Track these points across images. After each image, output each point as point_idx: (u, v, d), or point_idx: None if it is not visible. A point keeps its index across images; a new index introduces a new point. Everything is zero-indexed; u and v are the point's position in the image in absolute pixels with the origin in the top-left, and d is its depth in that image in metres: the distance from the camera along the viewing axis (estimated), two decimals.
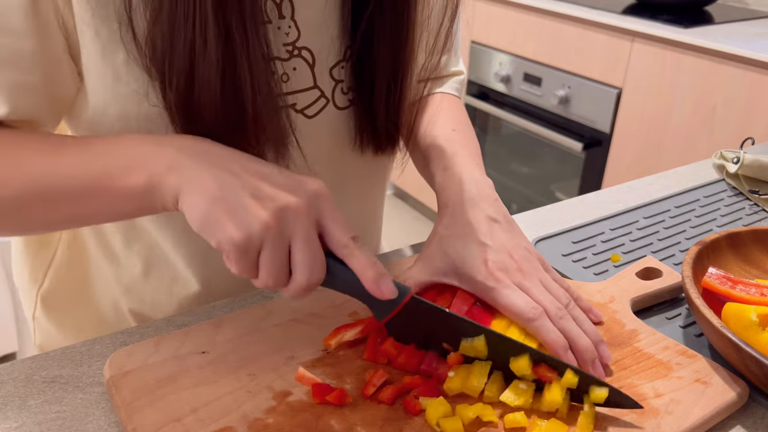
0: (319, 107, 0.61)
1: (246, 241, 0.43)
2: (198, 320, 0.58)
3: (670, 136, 1.76)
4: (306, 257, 0.44)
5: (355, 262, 0.46)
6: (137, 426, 0.44)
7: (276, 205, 0.43)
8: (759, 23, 1.86)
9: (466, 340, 0.49)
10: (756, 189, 0.87)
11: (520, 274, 0.53)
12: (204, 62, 0.48)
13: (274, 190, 0.44)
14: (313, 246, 0.45)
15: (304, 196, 0.45)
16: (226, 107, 0.50)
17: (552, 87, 2.02)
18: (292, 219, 0.44)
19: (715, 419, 0.49)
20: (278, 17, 0.56)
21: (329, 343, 0.52)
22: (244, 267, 0.44)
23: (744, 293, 0.58)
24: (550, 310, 0.52)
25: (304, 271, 0.44)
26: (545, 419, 0.47)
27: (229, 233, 0.43)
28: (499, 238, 0.55)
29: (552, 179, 2.18)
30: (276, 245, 0.43)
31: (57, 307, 0.72)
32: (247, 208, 0.43)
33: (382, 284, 0.46)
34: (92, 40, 0.50)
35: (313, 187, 0.46)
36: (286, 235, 0.44)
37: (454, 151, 0.62)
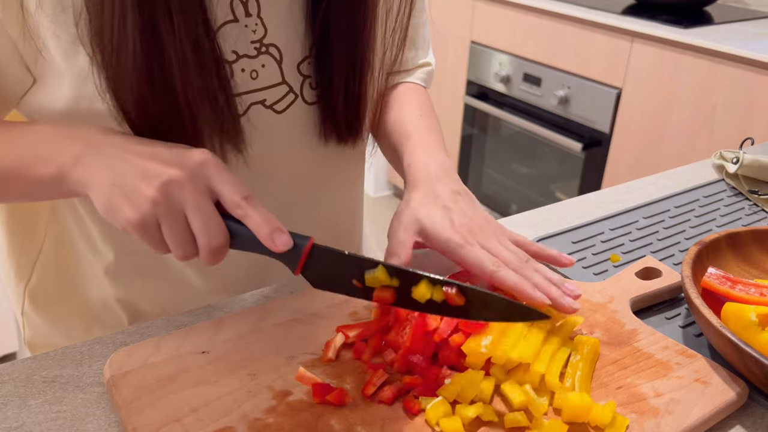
0: (288, 102, 0.62)
1: (141, 219, 0.46)
2: (198, 320, 0.58)
3: (669, 136, 1.76)
4: (201, 223, 0.47)
5: (250, 222, 0.48)
6: (137, 426, 0.44)
7: (160, 181, 0.46)
8: (759, 23, 1.86)
9: (368, 273, 0.51)
10: (755, 189, 0.87)
11: (483, 236, 0.57)
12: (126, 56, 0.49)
13: (160, 167, 0.47)
14: (205, 212, 0.47)
15: (187, 168, 0.47)
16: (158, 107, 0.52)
17: (552, 87, 2.02)
18: (178, 190, 0.46)
19: (714, 419, 0.49)
20: (245, 15, 0.57)
21: (328, 358, 0.52)
22: (152, 243, 0.48)
23: (743, 293, 0.58)
24: (511, 262, 0.56)
25: (203, 236, 0.47)
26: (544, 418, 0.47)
27: (126, 215, 0.46)
28: (461, 206, 0.60)
29: (552, 179, 2.18)
30: (170, 218, 0.46)
31: (46, 301, 0.72)
32: (137, 189, 0.46)
33: (276, 238, 0.48)
34: (54, 44, 0.51)
35: (198, 157, 0.48)
36: (177, 207, 0.47)
37: (421, 136, 0.67)
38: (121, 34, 0.48)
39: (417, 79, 0.78)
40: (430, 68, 0.80)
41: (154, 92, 0.51)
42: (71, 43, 0.51)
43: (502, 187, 2.35)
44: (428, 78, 0.80)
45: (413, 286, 0.50)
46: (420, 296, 0.50)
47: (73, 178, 0.49)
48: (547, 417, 0.48)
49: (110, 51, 0.49)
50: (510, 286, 0.53)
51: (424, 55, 0.78)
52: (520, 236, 0.60)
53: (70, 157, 0.49)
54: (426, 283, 0.50)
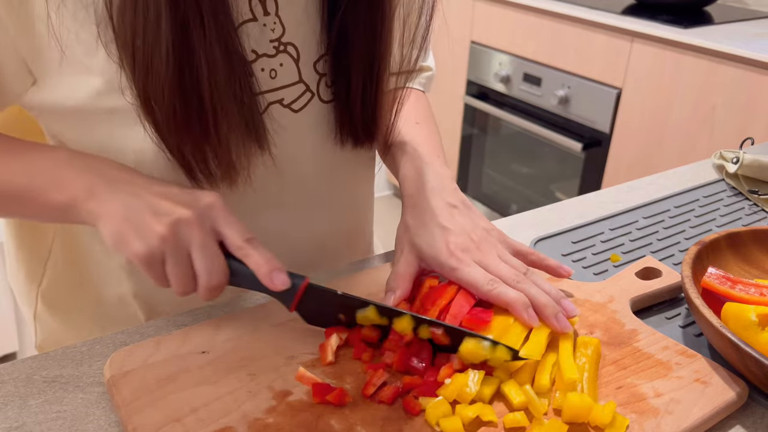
0: (305, 101, 0.62)
1: (148, 253, 0.48)
2: (198, 320, 0.58)
3: (669, 136, 1.76)
4: (203, 263, 0.49)
5: (251, 261, 0.51)
6: (137, 426, 0.44)
7: (170, 219, 0.48)
8: (759, 23, 1.86)
9: (360, 311, 0.53)
10: (755, 189, 0.87)
11: (480, 253, 0.58)
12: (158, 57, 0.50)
13: (170, 205, 0.49)
14: (209, 252, 0.49)
15: (196, 209, 0.50)
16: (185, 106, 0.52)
17: (552, 87, 2.02)
18: (186, 230, 0.49)
19: (714, 419, 0.49)
20: (263, 14, 0.57)
21: (328, 362, 0.52)
22: (155, 277, 0.50)
23: (743, 293, 0.58)
24: (508, 277, 0.56)
25: (203, 275, 0.49)
26: (544, 417, 0.47)
27: (134, 248, 0.48)
28: (458, 221, 0.60)
29: (552, 179, 2.18)
30: (175, 254, 0.49)
31: (59, 302, 0.72)
32: (147, 225, 0.48)
33: (274, 278, 0.50)
34: (74, 43, 0.51)
35: (207, 200, 0.51)
36: (183, 245, 0.49)
37: (417, 144, 0.67)
38: (155, 36, 0.49)
39: (417, 84, 0.78)
40: (431, 73, 0.80)
41: (183, 93, 0.52)
42: (91, 42, 0.51)
43: (502, 187, 2.35)
44: (428, 83, 0.80)
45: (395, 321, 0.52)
46: (402, 330, 0.51)
47: (84, 209, 0.51)
48: (547, 417, 0.48)
49: (142, 53, 0.50)
50: (505, 303, 0.54)
51: (425, 57, 0.78)
52: (520, 244, 0.61)
53: (84, 189, 0.51)
54: (409, 319, 0.51)
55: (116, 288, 0.69)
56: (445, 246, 0.57)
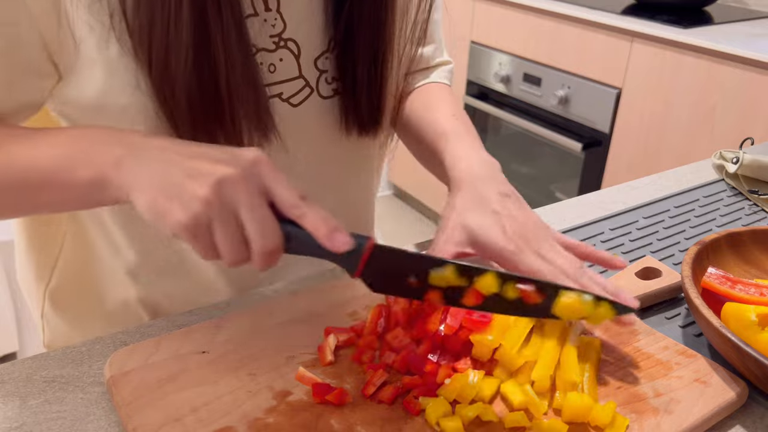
0: (304, 96, 0.63)
1: (193, 221, 0.43)
2: (198, 320, 0.58)
3: (669, 136, 1.76)
4: (255, 225, 0.44)
5: (307, 222, 0.45)
6: (137, 426, 0.44)
7: (212, 179, 0.43)
8: (759, 23, 1.86)
9: (435, 271, 0.48)
10: (755, 189, 0.87)
11: (536, 242, 0.55)
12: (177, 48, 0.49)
13: (209, 165, 0.44)
14: (260, 212, 0.44)
15: (239, 166, 0.44)
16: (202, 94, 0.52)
17: (551, 87, 2.02)
18: (231, 189, 0.43)
19: (714, 419, 0.49)
20: (264, 10, 0.58)
21: (328, 362, 0.52)
22: (202, 248, 0.44)
23: (743, 293, 0.58)
24: (569, 270, 0.54)
25: (257, 238, 0.44)
26: (544, 417, 0.47)
27: (177, 217, 0.43)
28: (511, 210, 0.57)
29: (552, 179, 2.18)
30: (222, 218, 0.43)
31: (66, 302, 0.72)
32: (186, 189, 0.43)
33: (335, 238, 0.45)
34: (87, 35, 0.51)
35: (250, 156, 0.45)
36: (230, 207, 0.44)
37: (459, 134, 0.65)
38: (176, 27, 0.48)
39: (440, 77, 0.77)
40: (451, 66, 0.80)
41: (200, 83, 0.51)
42: (104, 34, 0.51)
43: None
44: (451, 76, 0.79)
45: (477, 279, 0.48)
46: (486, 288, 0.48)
47: (114, 182, 0.46)
48: (547, 417, 0.48)
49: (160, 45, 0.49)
50: None
51: (441, 52, 0.79)
52: (570, 239, 0.59)
53: (111, 160, 0.47)
54: (494, 277, 0.48)
55: (122, 292, 0.69)
56: (502, 230, 0.55)
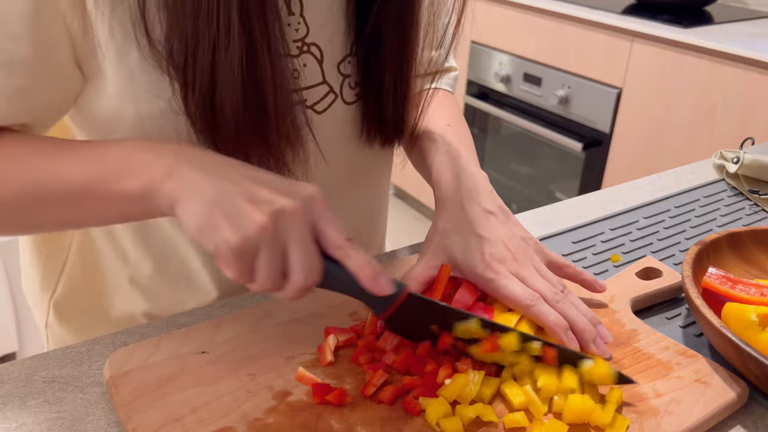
0: (328, 102, 0.61)
1: (243, 244, 0.43)
2: (198, 320, 0.58)
3: (669, 136, 1.76)
4: (302, 259, 0.45)
5: (351, 262, 0.46)
6: (137, 426, 0.44)
7: (271, 209, 0.44)
8: (759, 23, 1.86)
9: (461, 324, 0.50)
10: (756, 189, 0.87)
11: (517, 264, 0.56)
12: (227, 60, 0.48)
13: (269, 194, 0.45)
14: (310, 248, 0.45)
15: (298, 200, 0.45)
16: (247, 105, 0.51)
17: (552, 87, 2.02)
18: (288, 221, 0.44)
19: (715, 419, 0.49)
20: (288, 14, 0.57)
21: (328, 362, 0.52)
22: (240, 271, 0.44)
23: (744, 293, 0.58)
24: (547, 295, 0.54)
25: (301, 272, 0.45)
26: (545, 418, 0.47)
27: (226, 237, 0.43)
28: (495, 229, 0.57)
29: (552, 179, 2.18)
30: (272, 247, 0.44)
31: (71, 313, 0.71)
32: (243, 212, 0.43)
33: (379, 281, 0.47)
34: (108, 40, 0.50)
35: (308, 192, 0.46)
36: (282, 238, 0.44)
37: (449, 146, 0.65)
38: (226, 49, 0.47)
39: (445, 84, 0.77)
40: (456, 73, 0.79)
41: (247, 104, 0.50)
42: (124, 40, 0.50)
43: (502, 187, 2.35)
44: (454, 83, 0.79)
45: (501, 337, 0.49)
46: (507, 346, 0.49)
47: (163, 192, 0.45)
48: (548, 417, 0.48)
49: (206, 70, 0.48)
50: (544, 325, 0.53)
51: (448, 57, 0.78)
52: (556, 257, 0.59)
53: (162, 170, 0.46)
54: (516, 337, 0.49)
55: (127, 304, 0.68)
56: (481, 256, 0.55)
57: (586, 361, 0.49)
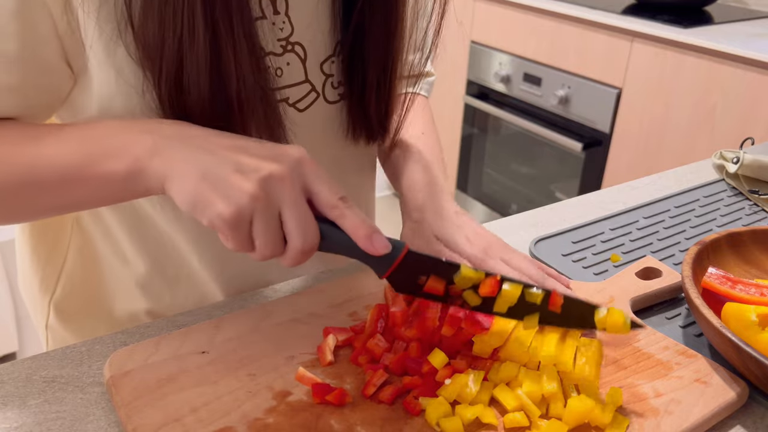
0: (310, 101, 0.62)
1: (236, 215, 0.43)
2: (198, 320, 0.58)
3: (669, 136, 1.76)
4: (297, 222, 0.45)
5: (346, 222, 0.46)
6: (137, 426, 0.44)
7: (260, 175, 0.44)
8: (759, 23, 1.86)
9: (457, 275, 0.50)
10: (756, 189, 0.87)
11: (499, 249, 0.60)
12: (192, 56, 0.49)
13: (256, 161, 0.45)
14: (303, 210, 0.45)
15: (286, 163, 0.45)
16: (214, 100, 0.51)
17: (552, 87, 2.02)
18: (278, 186, 0.44)
19: (715, 419, 0.49)
20: (273, 13, 0.57)
21: (328, 362, 0.52)
22: (238, 241, 0.45)
23: (744, 293, 0.58)
24: (534, 275, 0.58)
25: (297, 236, 0.45)
26: (545, 418, 0.47)
27: (219, 209, 0.43)
28: (469, 223, 0.62)
29: (552, 179, 2.18)
30: (266, 214, 0.44)
31: (72, 313, 0.71)
32: (233, 183, 0.44)
33: (375, 241, 0.46)
34: (97, 37, 0.50)
35: (295, 154, 0.46)
36: (275, 204, 0.44)
37: (421, 157, 0.69)
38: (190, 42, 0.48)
39: (423, 90, 0.79)
40: (433, 78, 0.81)
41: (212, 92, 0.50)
42: (112, 37, 0.50)
43: (502, 187, 2.35)
44: (431, 89, 0.81)
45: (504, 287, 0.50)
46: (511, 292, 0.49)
47: (150, 171, 0.46)
48: (547, 418, 0.48)
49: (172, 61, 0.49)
50: None
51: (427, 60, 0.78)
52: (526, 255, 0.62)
53: (146, 149, 0.46)
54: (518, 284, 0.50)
55: (129, 303, 0.68)
56: (466, 240, 0.58)
57: (600, 309, 0.49)
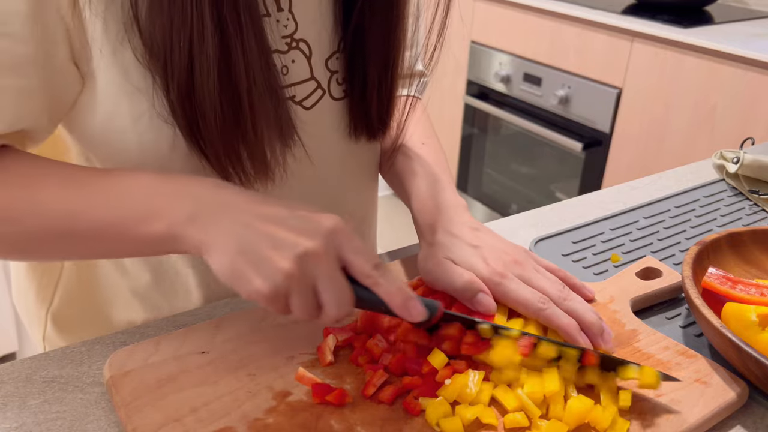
0: (316, 98, 0.62)
1: (273, 292, 0.45)
2: (198, 320, 0.58)
3: (669, 136, 1.76)
4: (331, 295, 0.46)
5: (381, 291, 0.47)
6: (137, 426, 0.44)
7: (295, 253, 0.45)
8: (759, 23, 1.86)
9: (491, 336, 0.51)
10: (756, 189, 0.87)
11: (518, 266, 0.56)
12: (202, 56, 0.49)
13: (291, 236, 0.46)
14: (338, 283, 0.46)
15: (321, 238, 0.46)
16: (223, 101, 0.51)
17: (552, 87, 2.02)
18: (313, 263, 0.45)
19: (715, 419, 0.49)
20: (277, 10, 0.57)
21: (328, 362, 0.52)
22: (277, 310, 0.47)
23: (744, 293, 0.58)
24: (553, 294, 0.54)
25: (332, 306, 0.46)
26: (546, 419, 0.47)
27: (256, 286, 0.45)
28: (487, 240, 0.58)
29: (552, 179, 2.18)
30: (301, 289, 0.45)
31: (69, 324, 0.71)
32: (269, 261, 0.45)
33: (411, 308, 0.47)
34: (103, 38, 0.50)
35: (329, 225, 0.47)
36: (310, 279, 0.46)
37: (427, 171, 0.66)
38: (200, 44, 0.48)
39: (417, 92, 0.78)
40: (426, 79, 0.80)
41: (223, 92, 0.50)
42: (118, 37, 0.50)
43: (502, 187, 2.35)
44: (424, 89, 0.80)
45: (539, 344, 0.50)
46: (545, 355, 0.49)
47: (187, 238, 0.47)
48: (548, 417, 0.48)
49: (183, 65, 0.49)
50: (558, 327, 0.53)
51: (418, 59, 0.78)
52: (547, 262, 0.60)
53: (183, 216, 0.47)
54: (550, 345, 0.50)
55: (127, 314, 0.68)
56: (483, 261, 0.55)
57: (630, 366, 0.49)
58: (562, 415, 0.47)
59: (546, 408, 0.48)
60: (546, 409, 0.48)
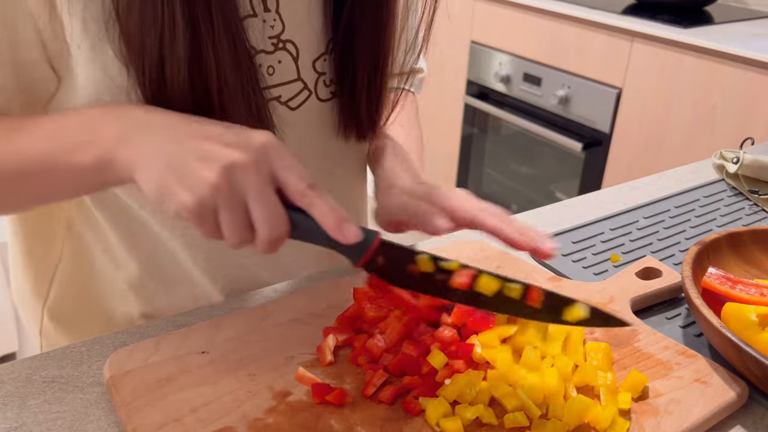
0: (302, 99, 0.62)
1: (199, 204, 0.43)
2: (198, 320, 0.58)
3: (669, 136, 1.76)
4: (263, 212, 0.44)
5: (315, 210, 0.45)
6: (137, 426, 0.44)
7: (221, 164, 0.43)
8: (759, 23, 1.86)
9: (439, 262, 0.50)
10: (756, 189, 0.87)
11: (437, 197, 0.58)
12: (173, 55, 0.49)
13: (219, 149, 0.44)
14: (268, 200, 0.44)
15: (250, 151, 0.44)
16: (195, 99, 0.51)
17: (552, 87, 2.02)
18: (241, 175, 0.43)
19: (715, 419, 0.49)
20: (264, 10, 0.57)
21: (328, 362, 0.52)
22: (205, 230, 0.44)
23: (744, 293, 0.58)
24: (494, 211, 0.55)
25: (264, 227, 0.44)
26: (545, 418, 0.47)
27: (182, 199, 0.43)
28: None
29: (552, 179, 2.18)
30: (229, 204, 0.43)
31: (66, 318, 0.71)
32: (194, 172, 0.43)
33: (345, 229, 0.45)
34: (82, 36, 0.50)
35: (260, 140, 0.45)
36: (238, 193, 0.43)
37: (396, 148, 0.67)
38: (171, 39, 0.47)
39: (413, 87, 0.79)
40: (423, 75, 0.81)
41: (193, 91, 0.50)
42: (98, 35, 0.50)
43: (502, 187, 2.35)
44: (420, 85, 0.81)
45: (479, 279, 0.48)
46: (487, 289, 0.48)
47: (118, 160, 0.45)
48: (548, 417, 0.48)
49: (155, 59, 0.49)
50: (493, 227, 0.52)
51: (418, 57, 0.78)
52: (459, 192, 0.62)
53: (114, 138, 0.46)
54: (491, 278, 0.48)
55: (124, 306, 0.68)
56: None
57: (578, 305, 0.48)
58: (562, 415, 0.47)
59: (546, 408, 0.48)
60: (546, 409, 0.48)
